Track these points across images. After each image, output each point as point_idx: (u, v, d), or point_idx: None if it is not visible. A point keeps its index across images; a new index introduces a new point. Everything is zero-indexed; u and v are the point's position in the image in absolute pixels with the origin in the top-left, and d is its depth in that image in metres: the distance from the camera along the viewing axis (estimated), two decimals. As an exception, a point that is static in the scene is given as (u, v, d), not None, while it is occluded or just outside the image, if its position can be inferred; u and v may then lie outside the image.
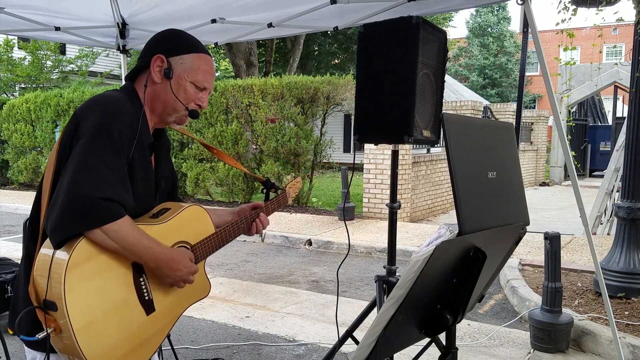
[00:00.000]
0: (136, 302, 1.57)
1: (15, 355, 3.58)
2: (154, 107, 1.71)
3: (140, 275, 1.58)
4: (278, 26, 3.81)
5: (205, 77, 1.73)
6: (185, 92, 1.69)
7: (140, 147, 1.62)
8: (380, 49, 2.35)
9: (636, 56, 4.37)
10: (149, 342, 1.63)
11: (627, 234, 4.47)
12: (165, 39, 1.73)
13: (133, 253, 1.52)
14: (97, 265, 1.48)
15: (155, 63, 1.67)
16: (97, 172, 1.45)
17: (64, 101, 12.12)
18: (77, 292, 1.43)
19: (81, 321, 1.43)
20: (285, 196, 2.20)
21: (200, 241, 1.77)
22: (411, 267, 1.40)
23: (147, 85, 1.68)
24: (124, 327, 1.54)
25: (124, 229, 1.48)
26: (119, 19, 3.94)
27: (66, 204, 1.42)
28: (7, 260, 4.44)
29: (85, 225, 1.43)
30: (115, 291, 1.52)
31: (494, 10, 36.53)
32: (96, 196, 1.43)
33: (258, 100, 9.91)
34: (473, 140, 1.61)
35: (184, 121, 1.76)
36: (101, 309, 1.48)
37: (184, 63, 1.69)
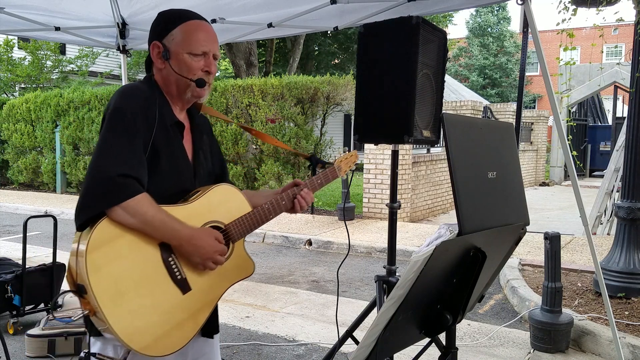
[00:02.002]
0: (168, 281, 1.57)
1: (15, 356, 3.58)
2: (170, 91, 1.73)
3: (169, 255, 1.58)
4: (278, 26, 3.82)
5: (198, 43, 1.69)
6: (186, 65, 1.68)
7: (162, 127, 1.64)
8: (380, 49, 2.35)
9: (636, 56, 4.37)
10: (190, 321, 1.62)
11: (627, 234, 4.47)
12: (155, 25, 1.75)
13: (154, 230, 1.54)
14: (122, 246, 1.50)
15: (153, 52, 1.71)
16: (111, 152, 1.52)
17: (64, 101, 12.12)
18: (103, 273, 1.46)
19: (110, 302, 1.46)
20: (333, 171, 2.06)
21: (235, 220, 1.74)
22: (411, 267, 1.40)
23: (153, 74, 1.74)
24: (158, 306, 1.55)
25: (142, 204, 1.51)
26: (119, 19, 3.94)
27: (86, 187, 1.50)
28: (7, 260, 4.44)
29: (105, 203, 1.48)
30: (144, 271, 1.53)
31: (494, 10, 36.53)
32: (113, 174, 1.48)
33: (258, 100, 9.91)
34: (473, 140, 1.61)
35: (201, 94, 1.73)
36: (131, 289, 1.49)
37: (174, 38, 1.69)
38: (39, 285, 4.10)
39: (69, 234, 8.13)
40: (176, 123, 1.72)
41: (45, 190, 12.94)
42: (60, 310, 4.00)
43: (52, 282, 4.18)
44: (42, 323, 3.69)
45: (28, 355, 3.57)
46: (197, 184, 1.76)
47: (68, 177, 12.47)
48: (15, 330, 3.95)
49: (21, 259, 4.05)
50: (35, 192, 12.81)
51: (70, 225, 8.88)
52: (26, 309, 4.01)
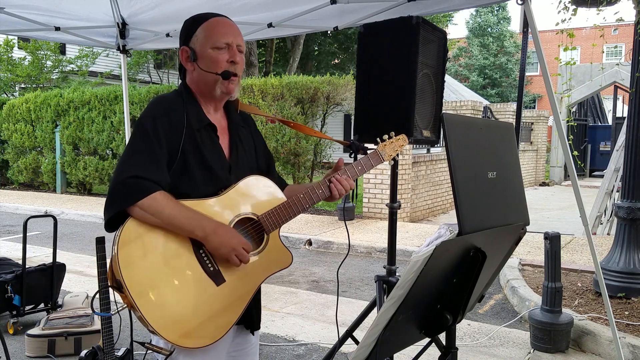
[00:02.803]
0: (201, 273, 1.61)
1: (15, 356, 3.58)
2: (203, 92, 1.77)
3: (200, 247, 1.63)
4: (278, 26, 3.81)
5: (220, 36, 1.74)
6: (212, 61, 1.72)
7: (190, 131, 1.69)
8: (380, 48, 2.35)
9: (636, 56, 4.37)
10: (226, 313, 1.64)
11: (627, 234, 4.47)
12: (181, 33, 1.82)
13: (175, 225, 1.59)
14: (151, 241, 1.57)
15: (182, 56, 1.78)
16: (128, 158, 1.63)
17: (64, 101, 12.11)
18: (134, 267, 1.52)
19: (143, 295, 1.51)
20: (376, 156, 1.95)
21: (268, 211, 1.74)
22: (411, 267, 1.40)
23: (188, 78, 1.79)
24: (192, 298, 1.57)
25: (158, 202, 1.58)
26: (119, 19, 3.94)
27: (109, 191, 1.62)
28: (7, 260, 4.44)
29: (122, 203, 1.58)
30: (176, 264, 1.58)
31: (494, 10, 36.52)
32: (124, 177, 1.59)
33: (258, 100, 9.91)
34: (473, 140, 1.61)
35: (230, 89, 1.75)
36: (163, 282, 1.54)
37: (198, 38, 1.75)
38: (39, 285, 4.10)
39: (69, 234, 8.13)
40: (208, 125, 1.75)
41: (45, 190, 12.94)
42: (60, 310, 4.01)
43: (52, 282, 4.18)
44: (42, 323, 3.69)
45: (28, 355, 3.57)
46: (234, 180, 1.75)
47: (68, 177, 12.47)
48: (15, 330, 3.95)
49: (21, 259, 4.05)
50: (35, 192, 12.81)
51: (70, 225, 8.88)
52: (26, 309, 4.01)
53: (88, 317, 3.78)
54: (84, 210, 9.82)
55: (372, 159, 1.94)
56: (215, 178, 1.72)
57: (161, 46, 4.65)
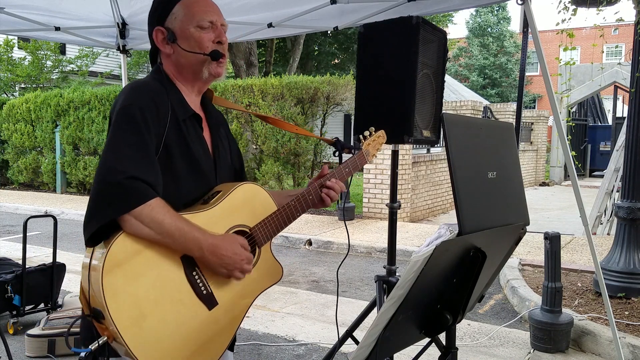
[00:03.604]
0: (193, 298, 1.44)
1: (15, 356, 3.58)
2: (185, 76, 1.62)
3: (192, 269, 1.44)
4: (278, 26, 3.81)
5: (203, 14, 1.59)
6: (196, 40, 1.57)
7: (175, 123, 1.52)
8: (380, 49, 2.35)
9: (636, 56, 4.37)
10: (218, 338, 1.50)
11: (627, 234, 4.47)
12: (152, 11, 1.64)
13: (173, 240, 1.38)
14: (141, 263, 1.35)
15: (157, 38, 1.61)
16: (119, 154, 1.38)
17: (64, 101, 12.12)
18: (122, 295, 1.31)
19: (131, 327, 1.32)
20: (362, 156, 1.88)
21: (260, 222, 1.61)
22: (411, 267, 1.40)
23: (162, 63, 1.62)
24: (183, 326, 1.41)
25: (157, 211, 1.36)
26: (119, 19, 3.94)
27: (93, 193, 1.36)
28: (7, 260, 4.44)
29: (114, 210, 1.33)
30: (167, 289, 1.38)
31: (494, 10, 36.53)
32: (120, 177, 1.34)
33: (258, 100, 9.91)
34: (473, 140, 1.61)
35: (219, 71, 1.62)
36: (154, 311, 1.36)
37: (176, 17, 1.59)
38: (39, 285, 4.10)
39: (69, 234, 8.13)
40: (193, 115, 1.59)
41: (45, 190, 12.93)
42: (60, 310, 4.01)
43: (52, 282, 4.18)
44: (42, 323, 3.69)
45: (28, 355, 3.57)
46: (219, 181, 1.63)
47: (68, 177, 12.47)
48: (15, 330, 3.95)
49: (21, 259, 4.05)
50: (35, 192, 12.81)
51: (70, 225, 8.88)
52: (26, 309, 4.01)
53: (88, 317, 3.77)
54: (84, 210, 9.79)
55: (359, 160, 1.87)
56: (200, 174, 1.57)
57: (161, 46, 4.64)
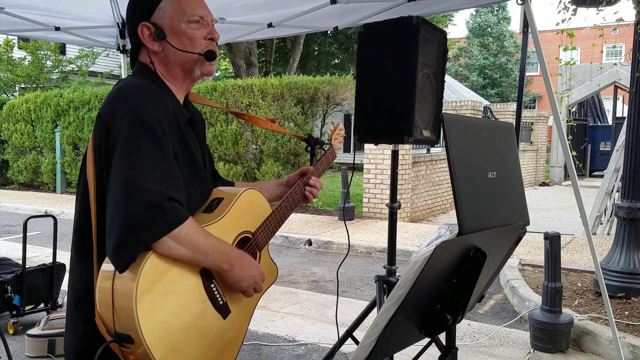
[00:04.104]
0: (211, 309, 1.45)
1: (15, 356, 3.58)
2: (174, 74, 1.54)
3: (210, 281, 1.44)
4: (278, 26, 3.81)
5: (193, 7, 1.52)
6: (187, 37, 1.50)
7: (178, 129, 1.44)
8: (380, 49, 2.35)
9: (636, 56, 4.37)
10: (232, 344, 1.55)
11: (627, 234, 4.47)
12: (135, 6, 1.55)
13: (205, 256, 1.36)
14: (167, 284, 1.33)
15: (144, 35, 1.50)
16: (149, 174, 1.29)
17: (64, 101, 12.12)
18: (154, 319, 1.29)
19: (163, 348, 1.30)
20: (333, 152, 2.00)
21: (260, 226, 1.63)
22: (411, 267, 1.40)
23: (153, 62, 1.51)
24: (204, 338, 1.44)
25: (193, 230, 1.33)
26: (119, 19, 3.93)
27: (126, 219, 1.25)
28: (7, 260, 4.44)
29: (154, 235, 1.26)
30: (190, 305, 1.39)
31: (494, 10, 36.53)
32: (158, 199, 1.27)
33: (258, 100, 9.91)
34: (473, 140, 1.61)
35: (212, 70, 1.56)
36: (180, 328, 1.36)
37: (165, 11, 1.50)
38: (39, 285, 4.10)
39: (69, 234, 8.08)
40: (189, 119, 1.53)
41: (45, 190, 12.93)
42: (60, 310, 4.01)
43: (52, 282, 4.18)
44: (42, 323, 3.69)
45: (28, 355, 3.57)
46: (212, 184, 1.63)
47: (68, 177, 12.47)
48: (15, 330, 3.95)
49: (21, 259, 4.05)
50: (35, 192, 12.81)
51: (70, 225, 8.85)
52: (26, 309, 4.01)
53: (88, 317, 3.77)
54: (84, 210, 9.82)
55: (331, 155, 1.99)
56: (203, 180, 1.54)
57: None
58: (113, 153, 1.33)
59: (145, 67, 1.52)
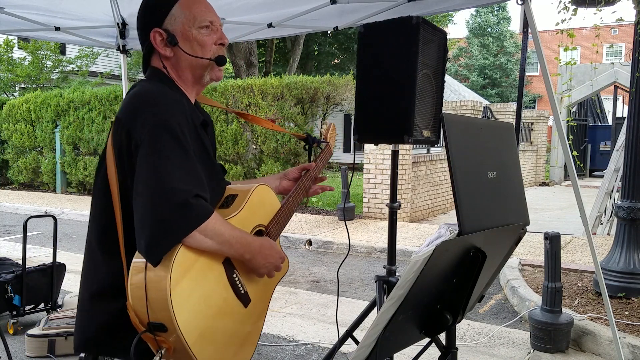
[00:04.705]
0: (234, 298, 1.54)
1: (15, 356, 3.58)
2: (185, 79, 1.59)
3: (232, 271, 1.53)
4: (278, 26, 3.81)
5: (204, 13, 1.58)
6: (198, 43, 1.56)
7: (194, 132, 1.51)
8: (380, 49, 2.35)
9: (636, 56, 4.37)
10: (253, 332, 1.64)
11: (627, 234, 4.47)
12: (146, 13, 1.61)
13: (230, 247, 1.46)
14: (196, 275, 1.42)
15: (156, 40, 1.56)
16: (174, 174, 1.36)
17: (64, 101, 12.12)
18: (185, 307, 1.37)
19: (195, 335, 1.38)
20: (329, 149, 2.13)
21: (272, 219, 1.73)
22: (411, 267, 1.40)
23: (166, 67, 1.57)
24: (229, 326, 1.53)
25: (218, 223, 1.42)
26: (119, 19, 3.94)
27: (158, 217, 1.33)
28: (7, 260, 4.44)
29: (184, 231, 1.35)
30: (215, 294, 1.48)
31: (494, 10, 36.53)
32: (187, 197, 1.35)
33: (258, 100, 9.91)
34: (473, 140, 1.61)
35: (220, 75, 1.63)
36: (208, 316, 1.45)
37: (176, 18, 1.55)
38: (39, 285, 4.10)
39: (69, 234, 8.13)
40: (202, 122, 1.59)
41: (45, 190, 12.93)
42: (60, 310, 4.01)
43: (52, 282, 4.18)
44: (42, 323, 3.69)
45: (28, 355, 3.57)
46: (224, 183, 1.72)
47: (68, 177, 12.47)
48: (15, 330, 3.95)
49: (21, 259, 4.05)
50: (35, 192, 12.81)
51: (70, 225, 8.88)
52: (26, 309, 4.01)
53: (88, 317, 3.77)
54: (84, 210, 9.82)
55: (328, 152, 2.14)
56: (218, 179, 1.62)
57: (161, 46, 4.64)
58: (136, 156, 1.39)
59: (159, 72, 1.57)
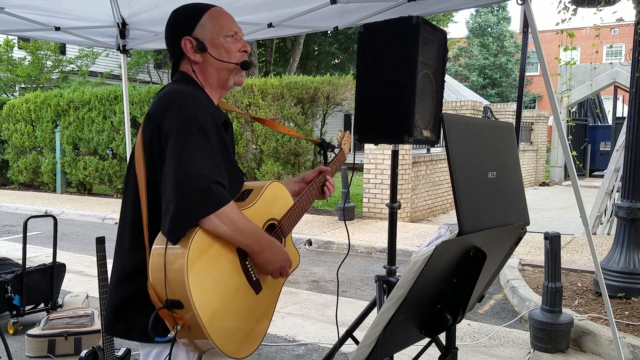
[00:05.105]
0: (246, 284, 1.63)
1: (15, 355, 3.58)
2: (211, 82, 1.74)
3: (245, 259, 1.62)
4: (278, 26, 3.81)
5: (229, 24, 1.74)
6: (225, 50, 1.72)
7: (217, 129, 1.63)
8: (380, 49, 2.35)
9: (636, 56, 4.37)
10: (263, 319, 1.71)
11: (627, 234, 4.47)
12: (177, 23, 1.76)
13: (242, 236, 1.55)
14: (211, 257, 1.52)
15: (187, 47, 1.70)
16: (199, 162, 1.49)
17: (64, 101, 12.11)
18: (199, 286, 1.46)
19: (208, 313, 1.47)
20: (343, 155, 2.25)
21: (285, 215, 1.83)
22: (411, 267, 1.40)
23: (194, 71, 1.72)
24: (241, 309, 1.61)
25: (234, 212, 1.52)
26: (119, 19, 3.93)
27: (180, 199, 1.45)
28: (7, 260, 4.44)
29: (203, 212, 1.46)
30: (229, 278, 1.57)
31: (494, 10, 36.52)
32: (208, 183, 1.47)
33: (258, 100, 9.91)
34: (473, 140, 1.61)
35: (242, 80, 1.78)
36: (221, 297, 1.53)
37: (205, 28, 1.71)
38: (39, 285, 4.10)
39: (69, 234, 8.13)
40: (225, 121, 1.73)
41: (45, 190, 12.93)
42: (60, 310, 4.01)
43: (52, 282, 4.18)
44: (42, 323, 3.69)
45: (28, 355, 3.57)
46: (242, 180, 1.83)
47: (68, 177, 12.47)
48: (15, 330, 3.95)
49: (21, 259, 4.05)
50: (35, 192, 12.81)
51: (70, 225, 8.88)
52: (26, 309, 4.01)
53: (88, 317, 3.78)
54: (84, 210, 9.82)
55: (341, 157, 2.25)
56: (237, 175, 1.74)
57: (161, 46, 4.63)
58: (165, 147, 1.53)
59: (187, 76, 1.73)
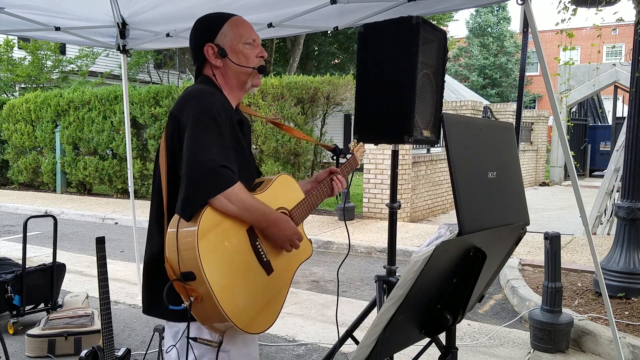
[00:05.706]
0: (257, 264, 1.72)
1: (15, 356, 3.58)
2: (230, 85, 1.89)
3: (255, 239, 1.73)
4: (278, 26, 3.81)
5: (248, 32, 1.89)
6: (244, 56, 1.86)
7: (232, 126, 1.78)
8: (380, 49, 2.35)
9: (636, 56, 4.37)
10: (275, 301, 1.79)
11: (627, 234, 4.47)
12: (200, 31, 1.90)
13: (250, 214, 1.68)
14: (220, 234, 1.63)
15: (209, 53, 1.85)
16: (209, 147, 1.64)
17: (64, 101, 12.11)
18: (210, 258, 1.57)
19: (219, 284, 1.57)
20: (355, 159, 2.35)
21: (296, 206, 1.93)
22: (411, 267, 1.40)
23: (215, 75, 1.87)
24: (251, 287, 1.69)
25: (241, 191, 1.65)
26: (119, 19, 3.94)
27: (191, 180, 1.61)
28: (7, 260, 4.44)
29: (213, 191, 1.60)
30: (238, 255, 1.66)
31: (494, 10, 36.52)
32: (215, 165, 1.61)
33: (258, 100, 9.91)
34: (473, 140, 1.61)
35: (258, 82, 1.92)
36: (231, 273, 1.63)
37: (226, 35, 1.86)
38: (39, 285, 4.10)
39: (69, 234, 8.13)
40: (240, 120, 1.87)
41: (45, 190, 12.93)
42: (60, 310, 4.01)
43: (52, 282, 4.18)
44: (42, 323, 3.69)
45: (28, 355, 3.57)
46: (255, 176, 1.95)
47: (68, 177, 12.46)
48: (15, 330, 3.95)
49: (21, 259, 4.05)
50: (35, 192, 12.81)
51: (70, 225, 8.88)
52: (26, 309, 4.01)
53: (88, 317, 3.78)
54: (84, 210, 9.82)
55: (353, 162, 2.33)
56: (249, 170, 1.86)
57: (161, 46, 4.64)
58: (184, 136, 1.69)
59: (208, 79, 1.88)
